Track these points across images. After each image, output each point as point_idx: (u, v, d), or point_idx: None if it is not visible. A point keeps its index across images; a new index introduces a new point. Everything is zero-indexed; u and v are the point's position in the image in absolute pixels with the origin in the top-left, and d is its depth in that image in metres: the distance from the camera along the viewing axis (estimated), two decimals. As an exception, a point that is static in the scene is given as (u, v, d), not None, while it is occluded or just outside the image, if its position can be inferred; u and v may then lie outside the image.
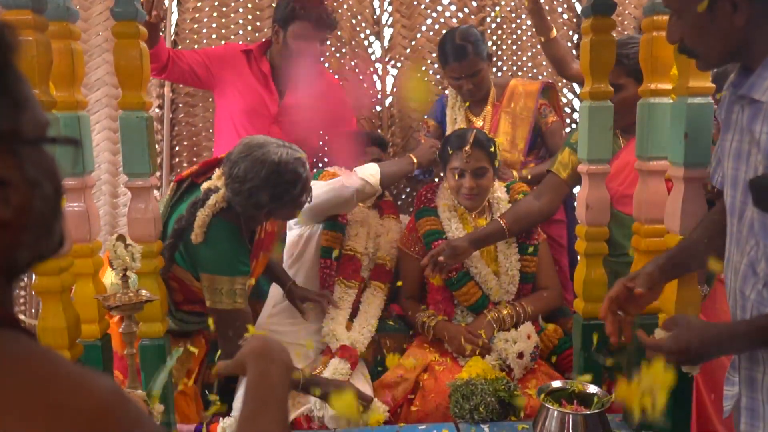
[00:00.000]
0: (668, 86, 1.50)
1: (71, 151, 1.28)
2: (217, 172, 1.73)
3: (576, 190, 2.07)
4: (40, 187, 0.55)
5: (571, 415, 1.46)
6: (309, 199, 1.77)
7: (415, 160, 2.28)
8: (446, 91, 2.63)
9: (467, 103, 2.48)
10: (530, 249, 2.09)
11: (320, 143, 2.70)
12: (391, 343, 2.12)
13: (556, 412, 1.46)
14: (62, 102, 1.42)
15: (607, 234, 1.61)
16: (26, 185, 0.53)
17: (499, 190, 2.17)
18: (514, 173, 2.33)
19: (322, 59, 2.54)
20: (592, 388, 1.54)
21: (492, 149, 2.06)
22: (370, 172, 2.08)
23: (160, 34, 2.31)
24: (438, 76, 2.81)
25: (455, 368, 1.94)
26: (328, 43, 2.62)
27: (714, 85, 1.37)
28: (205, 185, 1.72)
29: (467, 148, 2.03)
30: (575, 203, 2.40)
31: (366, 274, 2.23)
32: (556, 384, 1.57)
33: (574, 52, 2.88)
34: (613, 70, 1.58)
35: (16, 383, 0.48)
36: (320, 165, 2.76)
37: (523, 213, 2.03)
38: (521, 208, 2.04)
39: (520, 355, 1.89)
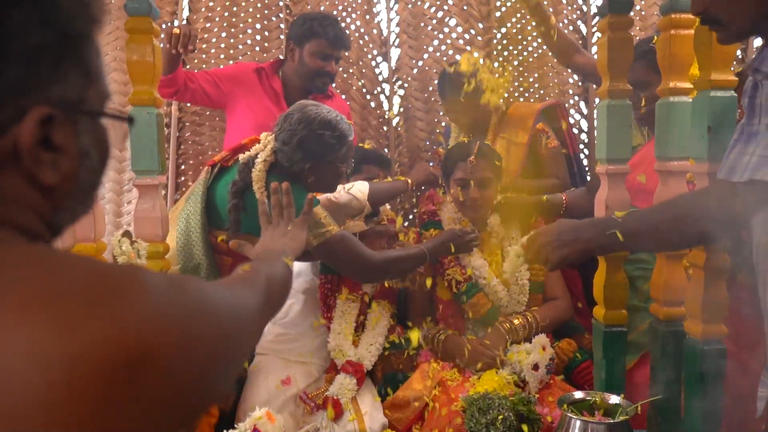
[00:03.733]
0: (687, 85, 1.48)
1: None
2: (263, 138, 1.80)
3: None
4: (89, 158, 0.56)
5: (595, 425, 1.38)
6: (350, 169, 1.84)
7: (410, 182, 2.29)
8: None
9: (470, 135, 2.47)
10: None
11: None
12: (402, 360, 2.05)
13: (578, 422, 1.39)
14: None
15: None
16: (78, 155, 0.54)
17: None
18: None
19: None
20: (615, 399, 1.47)
21: (496, 161, 2.04)
22: (359, 189, 2.07)
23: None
24: (440, 103, 2.81)
25: (467, 383, 1.86)
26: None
27: (737, 78, 1.35)
28: (247, 154, 1.77)
29: (471, 158, 2.00)
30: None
31: (369, 288, 2.17)
32: (578, 395, 1.50)
33: (576, 76, 2.90)
34: (642, 66, 1.55)
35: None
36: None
37: (580, 198, 2.14)
38: (578, 194, 2.17)
39: (536, 367, 1.82)
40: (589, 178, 2.24)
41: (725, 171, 1.13)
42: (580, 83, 2.91)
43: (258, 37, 2.79)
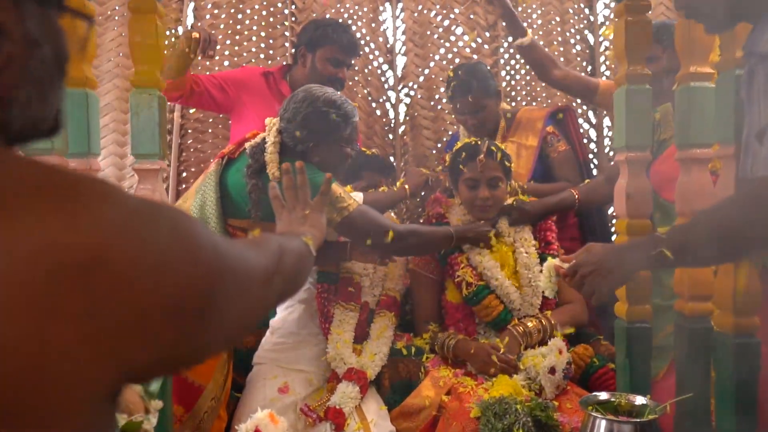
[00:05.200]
0: (708, 70, 1.43)
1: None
2: (268, 122, 1.79)
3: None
4: (40, 48, 0.53)
5: (622, 425, 1.29)
6: (354, 151, 1.83)
7: (407, 188, 2.24)
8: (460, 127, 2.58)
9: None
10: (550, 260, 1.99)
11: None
12: (410, 368, 1.95)
13: (604, 422, 1.30)
14: (71, 78, 1.34)
15: (650, 227, 1.49)
16: (24, 40, 0.52)
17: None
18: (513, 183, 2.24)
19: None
20: (640, 399, 1.38)
21: (506, 161, 1.98)
22: None
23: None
24: (446, 111, 2.78)
25: (481, 389, 1.77)
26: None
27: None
28: (254, 140, 1.78)
29: (481, 157, 1.95)
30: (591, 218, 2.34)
31: (370, 298, 2.09)
32: (602, 396, 1.41)
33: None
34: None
35: None
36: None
37: (596, 189, 2.12)
38: (593, 186, 2.15)
39: (552, 371, 1.72)
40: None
41: (755, 167, 1.05)
42: (588, 92, 2.87)
43: (263, 45, 2.77)
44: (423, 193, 2.45)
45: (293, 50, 2.58)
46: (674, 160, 1.83)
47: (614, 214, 2.49)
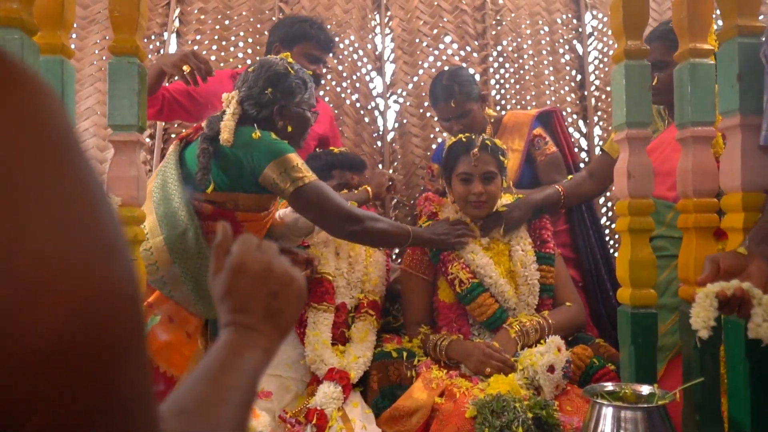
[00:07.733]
0: (707, 46, 1.39)
1: None
2: (224, 97, 1.78)
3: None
4: None
5: (629, 411, 1.20)
6: (314, 117, 1.84)
7: (370, 190, 2.17)
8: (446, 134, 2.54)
9: None
10: (547, 259, 1.92)
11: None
12: (400, 371, 1.84)
13: (611, 409, 1.21)
14: (46, 44, 1.28)
15: (653, 207, 1.43)
16: None
17: (507, 202, 2.01)
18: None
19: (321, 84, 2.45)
20: (647, 389, 1.29)
21: (500, 156, 1.93)
22: None
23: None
24: (435, 119, 2.74)
25: (476, 389, 1.67)
26: (329, 77, 2.56)
27: (765, 26, 1.27)
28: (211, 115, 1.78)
29: (475, 150, 1.89)
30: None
31: (348, 300, 2.00)
32: (607, 387, 1.33)
33: (573, 95, 2.86)
34: (659, 46, 1.52)
35: None
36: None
37: (580, 184, 2.13)
38: (577, 181, 2.15)
39: (551, 369, 1.63)
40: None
41: None
42: (578, 102, 2.86)
43: (249, 51, 2.73)
44: (391, 193, 2.38)
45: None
46: (653, 153, 1.80)
47: (613, 195, 2.44)
